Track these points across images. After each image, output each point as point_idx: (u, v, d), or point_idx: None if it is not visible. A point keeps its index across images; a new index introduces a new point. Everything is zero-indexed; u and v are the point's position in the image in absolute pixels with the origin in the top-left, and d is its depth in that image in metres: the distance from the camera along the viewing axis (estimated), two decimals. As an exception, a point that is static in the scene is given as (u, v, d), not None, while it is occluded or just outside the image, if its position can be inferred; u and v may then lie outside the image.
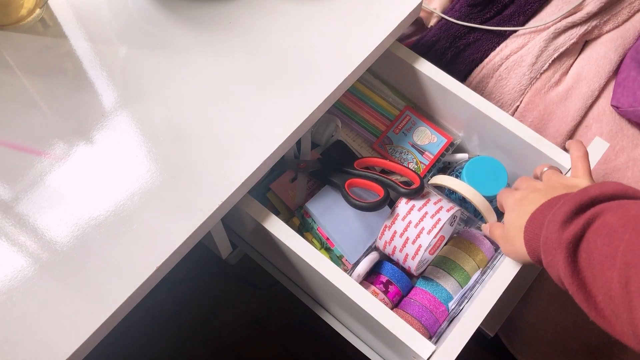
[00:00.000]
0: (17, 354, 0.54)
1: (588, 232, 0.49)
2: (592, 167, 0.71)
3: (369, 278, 0.74)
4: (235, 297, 1.26)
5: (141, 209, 0.60)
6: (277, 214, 0.79)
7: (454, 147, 0.85)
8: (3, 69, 0.67)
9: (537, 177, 0.68)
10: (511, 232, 0.61)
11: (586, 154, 0.66)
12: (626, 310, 0.45)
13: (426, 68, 0.79)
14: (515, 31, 0.93)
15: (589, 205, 0.51)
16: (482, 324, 0.63)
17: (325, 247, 0.77)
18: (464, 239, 0.75)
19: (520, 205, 0.61)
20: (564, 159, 0.73)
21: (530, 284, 0.93)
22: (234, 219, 0.77)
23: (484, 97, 0.84)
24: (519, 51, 0.92)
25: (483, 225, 0.72)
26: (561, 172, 0.67)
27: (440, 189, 0.77)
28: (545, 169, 0.67)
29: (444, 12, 0.95)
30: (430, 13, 0.95)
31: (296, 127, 0.66)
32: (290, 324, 1.23)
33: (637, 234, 0.45)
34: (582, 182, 0.62)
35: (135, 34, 0.71)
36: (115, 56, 0.69)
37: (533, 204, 0.59)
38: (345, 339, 0.83)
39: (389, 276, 0.73)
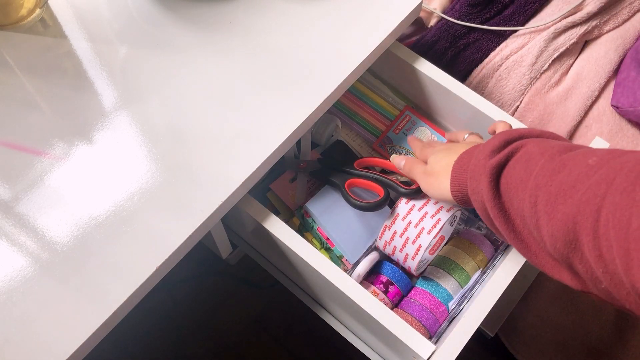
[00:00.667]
0: (17, 354, 0.54)
1: (511, 160, 0.53)
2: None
3: (369, 278, 0.74)
4: (235, 297, 1.26)
5: (141, 209, 0.60)
6: (277, 214, 0.79)
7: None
8: (3, 69, 0.67)
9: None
10: (436, 168, 0.63)
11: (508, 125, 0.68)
12: (535, 228, 0.48)
13: (426, 68, 0.79)
14: (515, 31, 0.93)
15: (516, 139, 0.55)
16: (482, 324, 0.63)
17: (325, 247, 0.77)
18: (464, 239, 0.75)
19: (449, 150, 0.64)
20: (564, 159, 0.73)
21: (530, 284, 0.93)
22: (234, 219, 0.77)
23: (484, 97, 0.84)
24: (519, 51, 0.92)
25: (394, 156, 0.73)
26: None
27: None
28: (467, 135, 0.70)
29: (444, 12, 0.95)
30: (430, 13, 0.95)
31: (296, 127, 0.66)
32: (290, 324, 1.23)
33: (551, 158, 0.49)
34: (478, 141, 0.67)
35: (135, 34, 0.71)
36: (115, 56, 0.69)
37: (463, 148, 0.62)
38: (345, 339, 0.82)
39: (389, 276, 0.73)
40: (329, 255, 0.76)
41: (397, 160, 0.71)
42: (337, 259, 0.76)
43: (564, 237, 0.45)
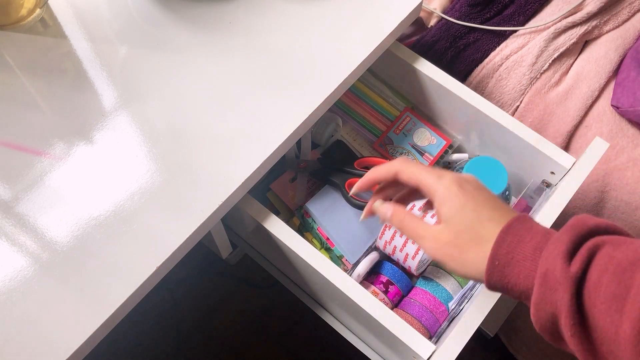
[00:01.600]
0: (18, 354, 0.54)
1: (593, 266, 0.43)
2: (592, 168, 0.71)
3: (369, 278, 0.74)
4: (235, 297, 1.26)
5: (141, 209, 0.60)
6: (277, 214, 0.79)
7: (453, 150, 0.85)
8: (3, 69, 0.67)
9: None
10: (465, 236, 0.49)
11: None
12: (632, 352, 0.40)
13: (426, 68, 0.79)
14: (515, 31, 0.93)
15: (587, 236, 0.45)
16: (482, 324, 0.63)
17: (325, 247, 0.77)
18: (464, 239, 0.75)
19: (474, 210, 0.49)
20: (564, 159, 0.73)
21: (530, 284, 0.93)
22: (234, 219, 0.77)
23: (484, 97, 0.84)
24: (519, 51, 0.92)
25: (377, 205, 0.56)
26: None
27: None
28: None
29: (444, 12, 0.95)
30: (430, 13, 0.95)
31: (296, 127, 0.66)
32: (290, 323, 1.23)
33: None
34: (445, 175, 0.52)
35: (135, 34, 0.71)
36: (115, 56, 0.69)
37: (492, 209, 0.50)
38: (345, 339, 0.82)
39: (389, 276, 0.73)
40: (329, 255, 0.76)
41: (383, 211, 0.55)
42: (337, 259, 0.76)
43: None
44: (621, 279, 0.41)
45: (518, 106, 0.91)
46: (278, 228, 0.67)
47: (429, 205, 0.54)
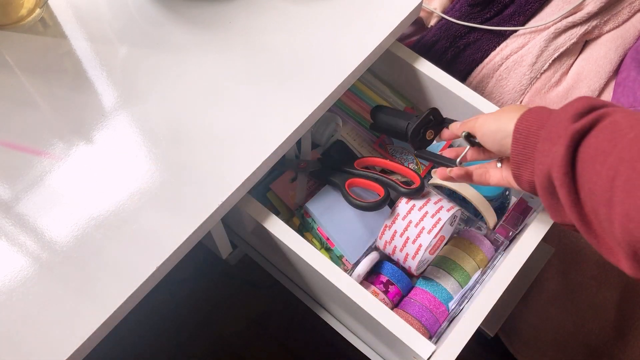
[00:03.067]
0: (18, 353, 0.54)
1: (595, 128, 0.48)
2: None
3: (369, 278, 0.74)
4: (235, 297, 1.26)
5: (141, 209, 0.60)
6: (277, 214, 0.79)
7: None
8: (3, 69, 0.67)
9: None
10: (502, 112, 0.59)
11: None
12: (605, 205, 0.44)
13: (426, 68, 0.79)
14: (515, 31, 0.93)
15: (600, 106, 0.50)
16: (482, 324, 0.63)
17: (325, 247, 0.77)
18: (464, 239, 0.75)
19: (496, 119, 0.60)
20: (564, 159, 0.73)
21: (530, 284, 0.93)
22: (234, 219, 0.77)
23: (484, 97, 0.84)
24: (519, 51, 0.92)
25: (453, 125, 0.69)
26: None
27: (440, 189, 0.77)
28: (464, 133, 0.66)
29: (444, 12, 0.95)
30: (430, 13, 0.95)
31: (296, 127, 0.66)
32: (290, 323, 1.23)
33: None
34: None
35: (135, 34, 0.71)
36: (115, 56, 0.69)
37: (509, 115, 0.58)
38: (345, 339, 0.82)
39: (389, 276, 0.73)
40: (329, 255, 0.76)
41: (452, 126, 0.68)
42: (337, 259, 0.76)
43: None
44: (613, 137, 0.45)
45: (518, 106, 0.91)
46: (278, 228, 0.67)
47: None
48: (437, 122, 0.73)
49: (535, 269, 0.91)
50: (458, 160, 0.66)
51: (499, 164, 0.64)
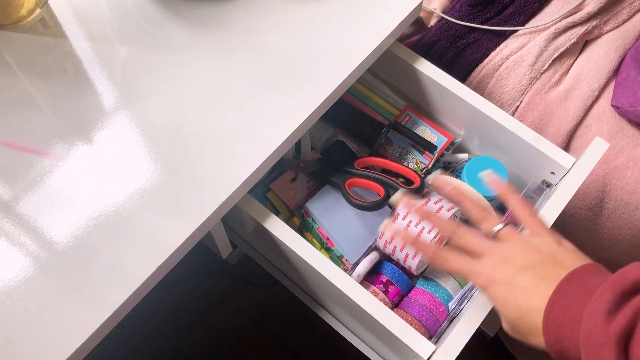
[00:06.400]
0: (18, 353, 0.54)
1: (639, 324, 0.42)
2: (592, 168, 0.71)
3: (369, 278, 0.74)
4: (235, 297, 1.26)
5: (141, 209, 0.60)
6: (277, 214, 0.79)
7: (455, 146, 0.85)
8: (3, 69, 0.67)
9: (486, 233, 0.57)
10: (520, 328, 0.51)
11: (527, 204, 0.57)
12: None
13: (426, 68, 0.79)
14: (515, 31, 0.93)
15: (631, 291, 0.44)
16: (482, 324, 0.63)
17: (326, 247, 0.77)
18: (464, 239, 0.75)
19: (514, 296, 0.51)
20: (564, 159, 0.73)
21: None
22: (234, 219, 0.77)
23: (484, 97, 0.84)
24: (519, 51, 0.92)
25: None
26: (515, 228, 0.56)
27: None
28: (500, 226, 0.56)
29: (444, 12, 0.95)
30: (430, 13, 0.95)
31: (296, 127, 0.66)
32: (290, 323, 1.23)
33: None
34: (553, 242, 0.54)
35: (135, 34, 0.71)
36: (115, 56, 0.69)
37: (530, 294, 0.50)
38: (345, 339, 0.82)
39: (389, 276, 0.73)
40: (329, 255, 0.76)
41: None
42: (337, 259, 0.76)
43: None
44: None
45: (518, 106, 0.91)
46: (278, 228, 0.67)
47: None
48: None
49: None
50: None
51: (498, 227, 0.56)
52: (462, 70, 0.93)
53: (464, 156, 0.85)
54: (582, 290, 0.47)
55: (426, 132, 0.84)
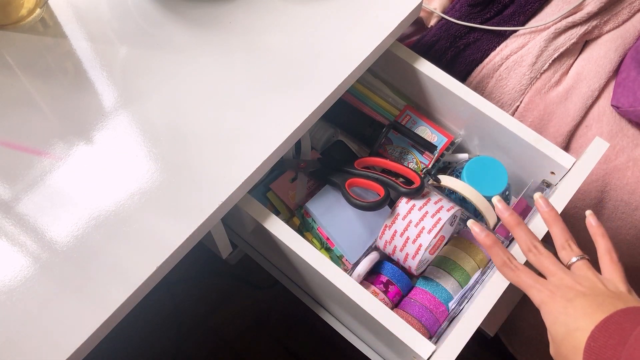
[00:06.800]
0: (18, 353, 0.54)
1: None
2: (592, 168, 0.71)
3: (369, 278, 0.74)
4: (235, 297, 1.26)
5: (141, 209, 0.60)
6: (277, 214, 0.79)
7: (455, 146, 0.85)
8: (3, 69, 0.67)
9: (561, 260, 0.57)
10: (562, 348, 0.50)
11: (613, 248, 0.57)
12: None
13: (426, 68, 0.79)
14: (515, 31, 0.93)
15: None
16: (482, 324, 0.63)
17: (326, 247, 0.77)
18: (464, 239, 0.75)
19: (567, 314, 0.50)
20: (564, 159, 0.73)
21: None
22: (234, 219, 0.77)
23: (484, 97, 0.84)
24: (519, 51, 0.92)
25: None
26: (591, 265, 0.56)
27: (440, 188, 0.77)
28: (575, 259, 0.56)
29: (444, 12, 0.95)
30: (430, 13, 0.95)
31: (296, 127, 0.66)
32: (290, 323, 1.23)
33: None
34: (622, 288, 0.53)
35: (135, 34, 0.71)
36: (115, 56, 0.69)
37: (584, 315, 0.49)
38: (345, 339, 0.82)
39: (389, 276, 0.73)
40: (329, 255, 0.76)
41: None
42: (337, 259, 0.76)
43: None
44: None
45: (518, 106, 0.91)
46: (278, 228, 0.67)
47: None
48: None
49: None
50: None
51: (574, 259, 0.56)
52: (462, 70, 0.93)
53: (464, 156, 0.85)
54: (635, 322, 0.46)
55: (426, 132, 0.84)
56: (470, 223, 0.61)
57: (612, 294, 0.51)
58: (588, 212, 0.59)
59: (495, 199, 0.62)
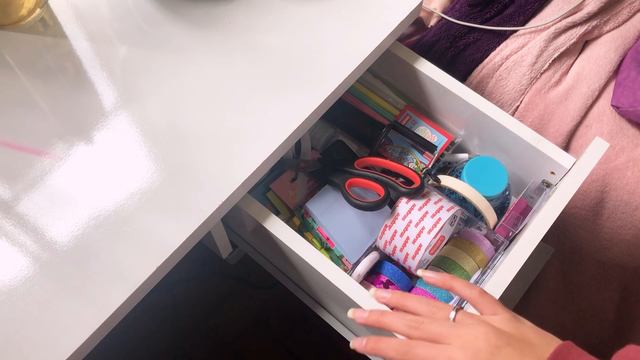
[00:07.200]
0: (17, 353, 0.54)
1: None
2: (592, 168, 0.71)
3: (369, 278, 0.74)
4: (235, 297, 1.26)
5: (141, 209, 0.60)
6: (277, 214, 0.79)
7: (455, 146, 0.85)
8: (3, 69, 0.67)
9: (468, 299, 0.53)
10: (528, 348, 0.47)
11: (472, 285, 0.54)
12: None
13: (426, 68, 0.79)
14: (515, 31, 0.93)
15: None
16: (482, 324, 0.63)
17: (326, 247, 0.77)
18: (464, 239, 0.75)
19: (521, 345, 0.48)
20: (564, 159, 0.73)
21: (530, 284, 0.93)
22: (234, 219, 0.77)
23: (484, 97, 0.84)
24: (519, 51, 0.92)
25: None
26: (469, 312, 0.52)
27: (440, 189, 0.77)
28: (453, 313, 0.51)
29: (444, 12, 0.95)
30: (431, 13, 0.95)
31: (296, 127, 0.66)
32: (290, 323, 1.23)
33: None
34: (516, 322, 0.50)
35: (135, 34, 0.71)
36: (115, 56, 0.69)
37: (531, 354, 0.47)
38: (346, 339, 0.82)
39: (389, 276, 0.73)
40: (329, 255, 0.76)
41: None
42: (337, 259, 0.76)
43: None
44: None
45: (518, 106, 0.91)
46: (278, 228, 0.67)
47: None
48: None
49: (535, 269, 0.91)
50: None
51: (451, 315, 0.51)
52: (462, 70, 0.93)
53: (464, 156, 0.85)
54: (577, 357, 0.45)
55: (426, 132, 0.84)
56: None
57: (517, 337, 0.48)
58: (419, 272, 0.56)
59: (350, 313, 0.55)
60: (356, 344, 0.52)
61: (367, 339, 0.52)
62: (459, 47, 0.92)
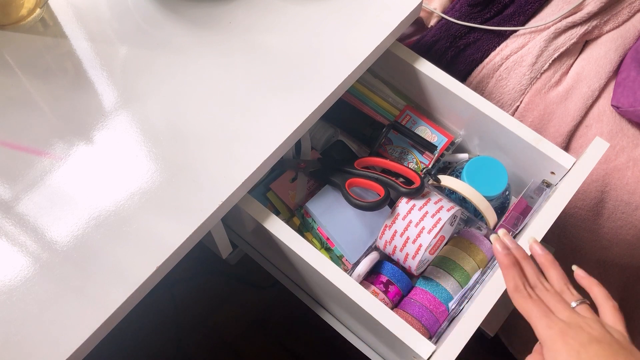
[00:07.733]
0: (17, 353, 0.54)
1: None
2: (592, 168, 0.71)
3: (369, 278, 0.74)
4: (235, 296, 1.26)
5: (141, 209, 0.60)
6: (277, 214, 0.79)
7: (455, 146, 0.85)
8: (3, 69, 0.67)
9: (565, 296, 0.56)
10: None
11: (610, 295, 0.56)
12: None
13: (426, 68, 0.79)
14: (515, 31, 0.93)
15: None
16: (482, 324, 0.63)
17: (326, 247, 0.77)
18: (464, 239, 0.75)
19: (581, 356, 0.49)
20: (564, 159, 0.73)
21: (531, 284, 0.93)
22: (234, 219, 0.77)
23: (484, 97, 0.84)
24: (519, 51, 0.92)
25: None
26: (592, 310, 0.55)
27: (440, 189, 0.77)
28: (575, 303, 0.54)
29: (444, 12, 0.95)
30: (431, 13, 0.95)
31: (296, 127, 0.66)
32: (290, 323, 1.23)
33: None
34: (628, 338, 0.53)
35: (135, 34, 0.71)
36: (115, 56, 0.69)
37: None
38: (345, 339, 0.82)
39: (389, 276, 0.73)
40: (329, 255, 0.76)
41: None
42: (337, 259, 0.76)
43: None
44: None
45: (518, 106, 0.91)
46: (278, 228, 0.67)
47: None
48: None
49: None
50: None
51: (573, 304, 0.54)
52: (462, 70, 0.93)
53: (464, 156, 0.85)
54: None
55: (426, 132, 0.84)
56: (494, 239, 0.60)
57: (622, 345, 0.51)
58: (574, 267, 0.58)
59: (495, 236, 0.59)
60: (498, 243, 0.59)
61: (515, 249, 0.58)
62: (459, 47, 0.92)
